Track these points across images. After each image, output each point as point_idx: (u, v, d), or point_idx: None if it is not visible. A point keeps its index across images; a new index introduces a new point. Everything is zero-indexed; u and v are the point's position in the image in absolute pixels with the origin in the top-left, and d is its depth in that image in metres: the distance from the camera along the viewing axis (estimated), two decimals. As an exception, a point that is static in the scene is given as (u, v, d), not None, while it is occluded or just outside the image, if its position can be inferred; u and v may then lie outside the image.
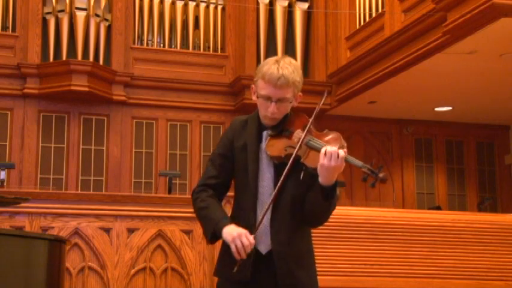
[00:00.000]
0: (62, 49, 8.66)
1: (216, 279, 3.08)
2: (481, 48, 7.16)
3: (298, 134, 2.93)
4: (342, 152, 2.80)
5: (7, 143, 8.67)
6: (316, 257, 5.00)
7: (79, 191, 8.30)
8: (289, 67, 2.95)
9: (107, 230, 5.43)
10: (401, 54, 7.83)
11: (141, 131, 9.17)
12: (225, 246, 2.99)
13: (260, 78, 2.95)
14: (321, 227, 5.23)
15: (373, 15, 8.43)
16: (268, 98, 2.93)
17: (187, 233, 5.53)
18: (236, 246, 2.79)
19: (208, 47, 9.49)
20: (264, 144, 2.98)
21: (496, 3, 6.28)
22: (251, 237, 2.81)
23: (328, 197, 2.84)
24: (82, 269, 5.35)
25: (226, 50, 9.48)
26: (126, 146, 9.04)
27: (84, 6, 8.70)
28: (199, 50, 9.45)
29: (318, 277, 3.06)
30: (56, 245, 3.69)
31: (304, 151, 2.88)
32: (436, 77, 8.12)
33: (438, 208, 8.91)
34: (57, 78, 8.57)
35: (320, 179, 2.81)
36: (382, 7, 8.22)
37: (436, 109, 9.57)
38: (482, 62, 7.57)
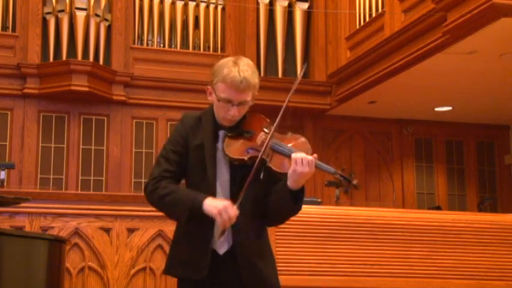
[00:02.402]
0: (62, 49, 8.66)
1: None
2: (481, 48, 7.16)
3: (262, 137, 2.91)
4: (313, 159, 2.81)
5: (7, 143, 8.66)
6: (316, 257, 5.02)
7: (79, 191, 8.30)
8: (248, 69, 2.92)
9: (107, 230, 5.43)
10: (401, 54, 7.83)
11: (141, 131, 9.17)
12: (178, 244, 2.99)
13: (220, 81, 2.93)
14: (320, 227, 5.24)
15: (373, 15, 8.43)
16: (229, 102, 2.91)
17: (187, 233, 5.52)
18: (223, 218, 2.78)
19: (208, 47, 9.49)
20: (220, 145, 2.96)
21: (496, 3, 6.28)
22: (235, 208, 2.80)
23: (296, 200, 2.87)
24: (82, 269, 5.35)
25: (226, 50, 9.47)
26: (126, 146, 9.04)
27: (84, 6, 8.70)
28: (199, 50, 9.45)
29: (318, 277, 3.09)
30: (56, 245, 3.69)
31: (269, 154, 2.87)
32: (436, 77, 8.12)
33: (438, 208, 8.90)
34: (57, 78, 8.57)
35: (289, 183, 2.83)
36: (382, 7, 8.23)
37: (436, 109, 9.57)
38: (482, 62, 7.57)
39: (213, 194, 2.92)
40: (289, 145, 2.89)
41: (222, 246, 2.91)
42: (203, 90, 10.93)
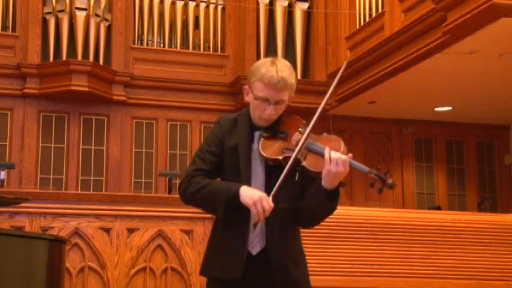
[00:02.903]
0: (62, 49, 8.66)
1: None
2: (481, 48, 7.16)
3: (297, 137, 2.92)
4: (348, 158, 2.81)
5: (7, 143, 8.66)
6: (316, 257, 5.01)
7: (79, 191, 8.30)
8: (286, 70, 2.94)
9: (107, 230, 5.43)
10: (401, 54, 7.83)
11: (141, 131, 9.17)
12: (213, 245, 3.00)
13: (258, 80, 2.95)
14: (321, 227, 5.24)
15: (373, 15, 8.43)
16: (266, 100, 2.93)
17: (187, 233, 5.53)
18: (257, 210, 2.79)
19: (208, 47, 9.49)
20: (256, 145, 2.97)
21: (496, 3, 6.28)
22: (270, 200, 2.81)
23: (332, 200, 2.87)
24: (82, 269, 5.35)
25: (226, 50, 9.48)
26: (126, 146, 9.04)
27: (84, 6, 8.70)
28: (199, 50, 9.45)
29: (318, 277, 3.09)
30: (56, 245, 3.69)
31: (304, 154, 2.87)
32: (436, 77, 8.12)
33: (438, 208, 8.91)
34: (57, 78, 8.57)
35: (323, 183, 2.83)
36: (382, 7, 8.22)
37: (436, 109, 9.57)
38: (482, 62, 7.57)
39: None
40: (325, 145, 2.88)
41: (254, 247, 2.92)
42: (203, 90, 10.88)
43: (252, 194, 2.82)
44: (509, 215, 6.36)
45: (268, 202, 2.80)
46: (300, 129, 2.95)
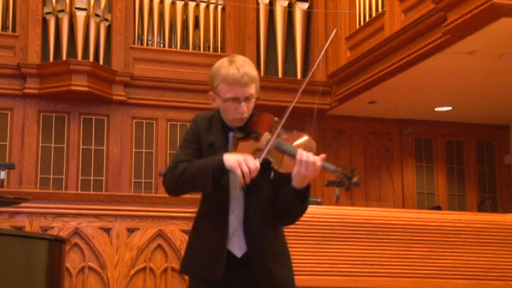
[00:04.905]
0: (62, 49, 8.66)
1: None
2: (481, 48, 7.16)
3: (266, 137, 2.88)
4: (318, 160, 2.77)
5: (7, 143, 8.67)
6: (316, 257, 5.00)
7: (79, 191, 8.30)
8: (245, 64, 2.92)
9: (107, 230, 5.43)
10: (401, 54, 7.83)
11: (141, 131, 9.17)
12: (194, 242, 2.99)
13: (222, 82, 2.93)
14: (320, 227, 5.24)
15: (373, 15, 8.43)
16: (236, 99, 2.90)
17: (187, 233, 5.52)
18: (242, 170, 2.75)
19: (208, 47, 9.49)
20: (230, 146, 2.95)
21: (496, 3, 6.28)
22: (256, 161, 2.78)
23: (302, 200, 2.85)
24: (82, 269, 5.36)
25: (226, 50, 9.47)
26: (126, 146, 9.04)
27: (84, 6, 8.70)
28: (199, 50, 9.45)
29: (318, 277, 3.07)
30: (56, 245, 3.69)
31: (275, 155, 2.83)
32: (436, 77, 8.12)
33: (438, 208, 8.90)
34: (57, 78, 8.57)
35: (293, 183, 2.80)
36: (382, 7, 8.23)
37: (436, 109, 9.58)
38: (482, 62, 7.57)
39: (226, 194, 2.91)
40: (295, 144, 2.84)
41: (236, 247, 2.90)
42: (203, 90, 10.88)
43: (235, 157, 2.79)
44: (509, 215, 6.35)
45: (253, 162, 2.76)
46: (270, 128, 2.91)
